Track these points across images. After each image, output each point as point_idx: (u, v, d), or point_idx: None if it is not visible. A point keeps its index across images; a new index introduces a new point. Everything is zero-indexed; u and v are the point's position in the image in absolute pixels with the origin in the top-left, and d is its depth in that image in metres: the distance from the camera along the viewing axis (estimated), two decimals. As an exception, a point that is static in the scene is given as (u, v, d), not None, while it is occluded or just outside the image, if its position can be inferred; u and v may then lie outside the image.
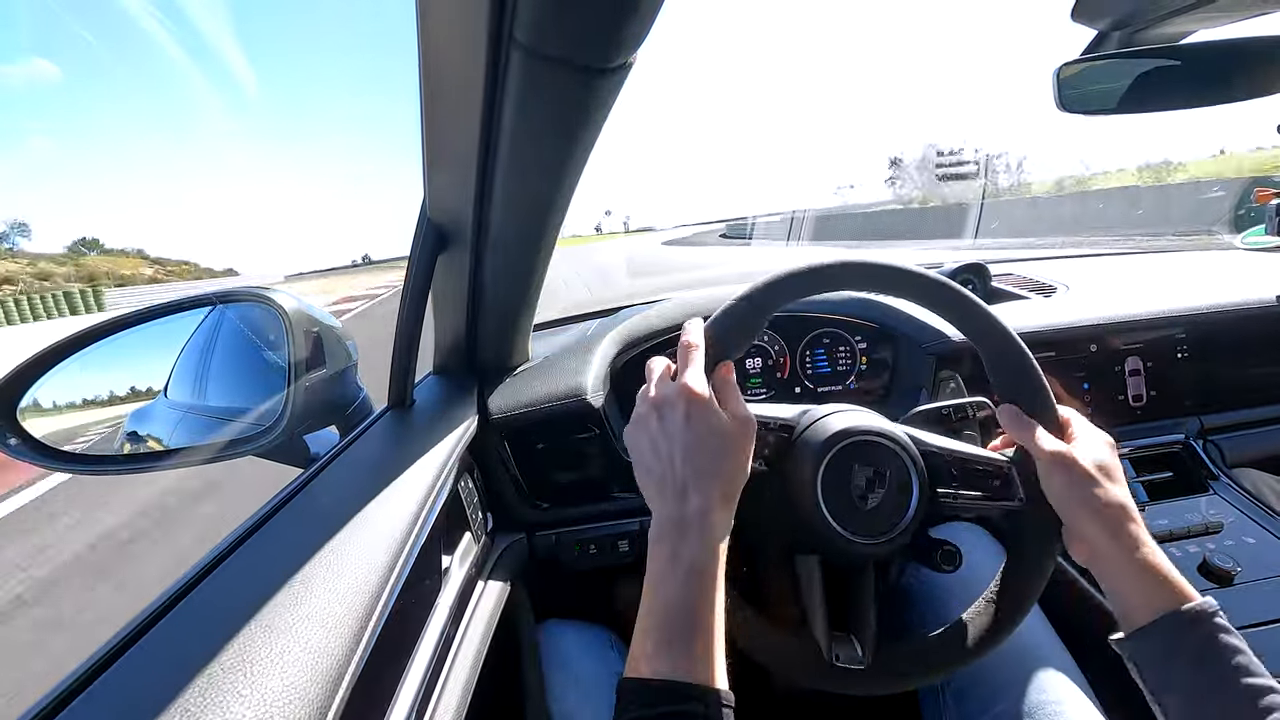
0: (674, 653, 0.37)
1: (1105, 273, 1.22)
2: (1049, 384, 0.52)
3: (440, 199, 0.60)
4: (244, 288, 0.78)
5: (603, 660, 0.70)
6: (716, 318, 0.51)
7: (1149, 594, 0.43)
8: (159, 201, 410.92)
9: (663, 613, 0.39)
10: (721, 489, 0.43)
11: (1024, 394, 0.52)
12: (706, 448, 0.43)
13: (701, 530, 0.41)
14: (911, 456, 0.51)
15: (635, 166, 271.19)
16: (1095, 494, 0.46)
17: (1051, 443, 0.49)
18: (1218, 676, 0.39)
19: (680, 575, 0.39)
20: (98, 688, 0.30)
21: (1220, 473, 0.88)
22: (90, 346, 0.66)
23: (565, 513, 0.86)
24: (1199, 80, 0.77)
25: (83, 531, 2.84)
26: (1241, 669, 0.39)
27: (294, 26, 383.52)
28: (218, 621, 0.35)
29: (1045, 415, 0.52)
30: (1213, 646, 0.40)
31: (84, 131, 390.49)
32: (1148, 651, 0.42)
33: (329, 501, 0.52)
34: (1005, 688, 0.61)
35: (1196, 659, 0.40)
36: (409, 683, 0.47)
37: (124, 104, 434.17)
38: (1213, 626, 0.41)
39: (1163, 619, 0.41)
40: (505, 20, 0.36)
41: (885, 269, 0.53)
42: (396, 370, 0.70)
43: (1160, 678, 0.41)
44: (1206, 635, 0.40)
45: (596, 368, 0.86)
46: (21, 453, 0.63)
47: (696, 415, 0.43)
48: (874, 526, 0.49)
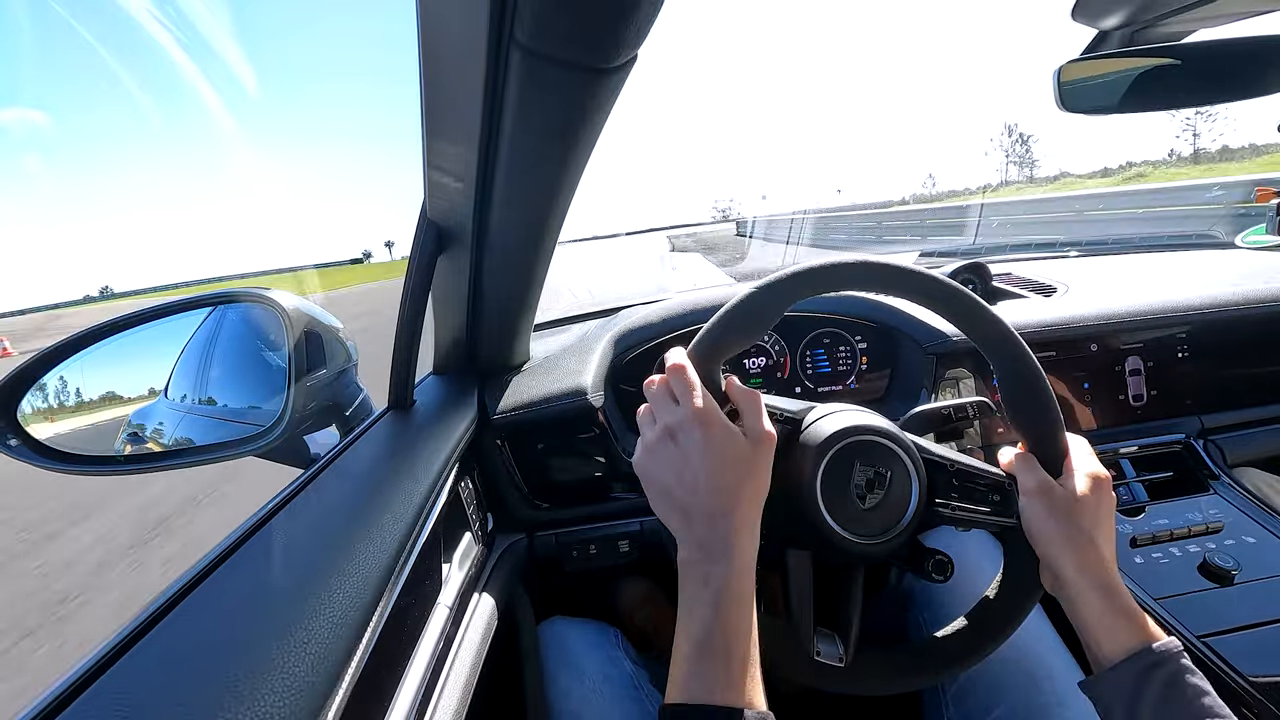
0: (711, 676, 0.38)
1: (1105, 272, 1.22)
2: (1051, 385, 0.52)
3: (440, 199, 0.60)
4: (244, 288, 0.78)
5: (607, 657, 0.70)
6: (701, 336, 0.51)
7: (1114, 633, 0.43)
8: (158, 203, 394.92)
9: (698, 636, 0.39)
10: (747, 510, 0.43)
11: (1029, 412, 0.52)
12: (731, 471, 0.43)
13: (732, 553, 0.41)
14: (913, 459, 0.50)
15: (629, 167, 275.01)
16: (1068, 527, 0.47)
17: (1036, 472, 0.50)
18: (1184, 718, 0.39)
19: (712, 598, 0.40)
20: (98, 688, 0.30)
21: (1220, 472, 0.87)
22: (91, 347, 0.66)
23: (565, 513, 0.86)
24: (1199, 79, 0.76)
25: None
26: (1207, 710, 0.39)
27: (293, 26, 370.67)
28: (218, 622, 0.35)
29: (1048, 437, 0.52)
30: (1178, 687, 0.40)
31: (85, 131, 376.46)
32: (1112, 692, 0.42)
33: (329, 502, 0.52)
34: (1006, 689, 0.61)
35: (1162, 699, 0.40)
36: (409, 683, 0.47)
37: (120, 104, 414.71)
38: (1179, 667, 0.41)
39: (1128, 660, 0.42)
40: (505, 20, 0.36)
41: (893, 270, 0.52)
42: (397, 370, 0.70)
43: (1126, 703, 0.41)
44: (1172, 675, 0.40)
45: (597, 368, 0.86)
46: (22, 453, 0.63)
47: (715, 439, 0.43)
48: (870, 526, 0.49)
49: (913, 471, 0.50)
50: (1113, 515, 0.50)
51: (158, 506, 3.19)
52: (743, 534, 0.42)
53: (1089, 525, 0.47)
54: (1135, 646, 0.42)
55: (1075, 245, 1.72)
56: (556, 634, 0.73)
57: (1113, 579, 0.46)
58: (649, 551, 0.85)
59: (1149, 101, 0.78)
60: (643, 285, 4.07)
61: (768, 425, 0.46)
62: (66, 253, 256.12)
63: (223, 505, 3.13)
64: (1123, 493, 0.86)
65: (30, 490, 3.65)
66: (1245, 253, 1.41)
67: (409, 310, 0.66)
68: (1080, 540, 0.47)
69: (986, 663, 0.51)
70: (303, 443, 0.75)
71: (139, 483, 3.45)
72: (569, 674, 0.67)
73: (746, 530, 0.43)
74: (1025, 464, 0.51)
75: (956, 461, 0.53)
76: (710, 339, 0.51)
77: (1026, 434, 0.53)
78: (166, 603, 0.37)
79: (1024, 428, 0.53)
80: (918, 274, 0.52)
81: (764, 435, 0.45)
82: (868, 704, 0.81)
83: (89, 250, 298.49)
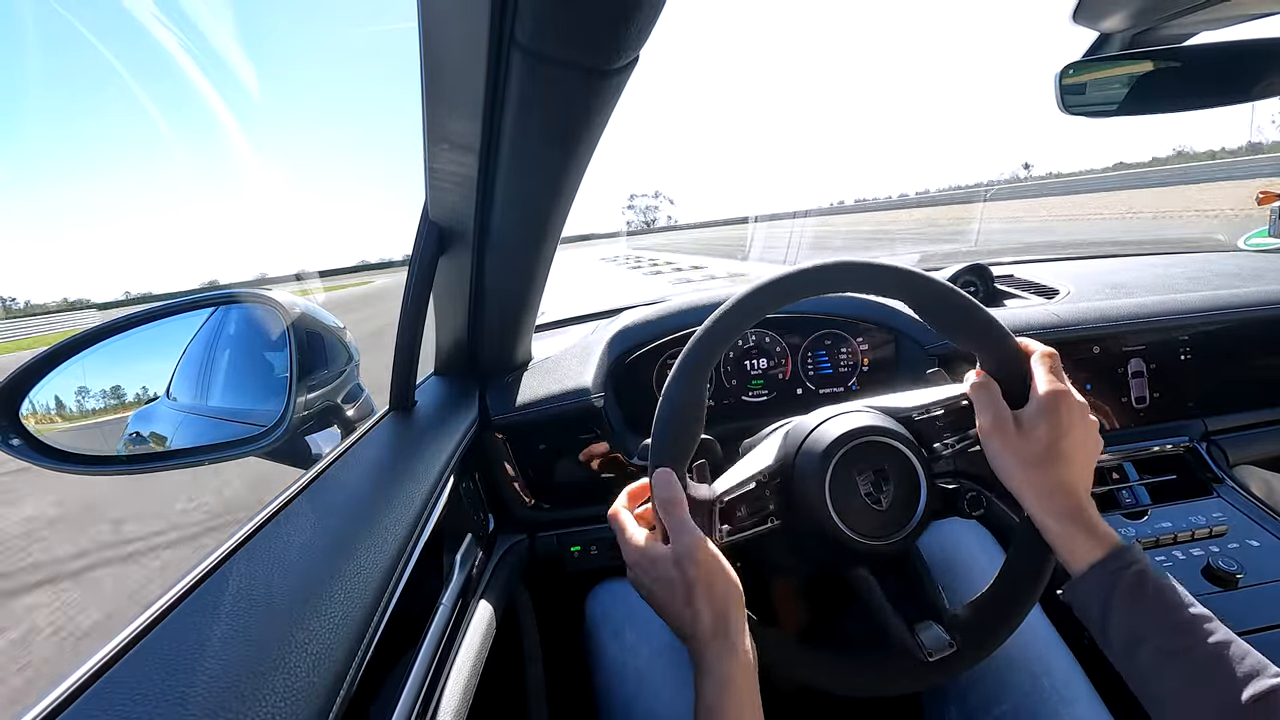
0: None
1: (1107, 274, 1.22)
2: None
3: (441, 200, 0.60)
4: (246, 289, 0.78)
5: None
6: (654, 441, 0.51)
7: (1081, 550, 0.45)
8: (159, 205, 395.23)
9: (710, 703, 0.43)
10: (740, 609, 0.47)
11: (966, 333, 0.52)
12: (724, 583, 0.47)
13: (736, 648, 0.45)
14: (904, 441, 0.51)
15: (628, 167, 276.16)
16: (1024, 461, 0.48)
17: (991, 406, 0.50)
18: (1152, 611, 0.42)
19: (716, 687, 0.44)
20: (101, 687, 0.30)
21: (1224, 475, 0.87)
22: (94, 347, 0.67)
23: (566, 514, 0.86)
24: (1201, 82, 0.77)
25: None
26: (1176, 601, 0.42)
27: (294, 26, 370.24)
28: (220, 622, 0.35)
29: (999, 360, 0.51)
30: (1144, 584, 0.42)
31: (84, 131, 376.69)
32: (1085, 595, 0.45)
33: (331, 502, 0.52)
34: (1008, 687, 0.61)
35: (1131, 597, 0.42)
36: (410, 683, 0.47)
37: (119, 103, 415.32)
38: (1143, 568, 0.43)
39: (1096, 566, 0.44)
40: (506, 21, 0.36)
41: (802, 275, 0.50)
42: (398, 371, 0.70)
43: (1100, 621, 0.44)
44: (1138, 575, 0.43)
45: (597, 368, 0.86)
46: (24, 452, 0.63)
47: (706, 563, 0.47)
48: (893, 522, 0.50)
49: (911, 454, 0.51)
50: (1084, 431, 0.48)
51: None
52: (743, 631, 0.47)
53: (1048, 455, 0.47)
54: (1101, 556, 0.44)
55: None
56: (619, 594, 0.75)
57: (1076, 504, 0.46)
58: None
59: (1150, 104, 0.78)
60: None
61: (686, 534, 0.47)
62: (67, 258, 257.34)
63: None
64: (1125, 495, 0.86)
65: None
66: (1247, 255, 1.41)
67: (410, 311, 0.66)
68: (1036, 475, 0.47)
69: (988, 661, 0.51)
70: (304, 443, 0.75)
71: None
72: (635, 630, 0.69)
73: (743, 626, 0.47)
74: (981, 397, 0.51)
75: (931, 402, 0.53)
76: (659, 447, 0.50)
77: (980, 359, 0.53)
78: (169, 603, 0.37)
79: (973, 350, 0.53)
80: (808, 270, 0.51)
81: (687, 547, 0.47)
82: (870, 703, 0.81)
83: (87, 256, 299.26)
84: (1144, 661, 0.41)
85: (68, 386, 0.68)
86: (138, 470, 0.74)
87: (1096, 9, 0.73)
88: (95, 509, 3.16)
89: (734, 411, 0.96)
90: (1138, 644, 0.42)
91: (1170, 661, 0.40)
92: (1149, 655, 0.41)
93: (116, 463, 0.78)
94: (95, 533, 2.86)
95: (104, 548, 2.70)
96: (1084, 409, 0.49)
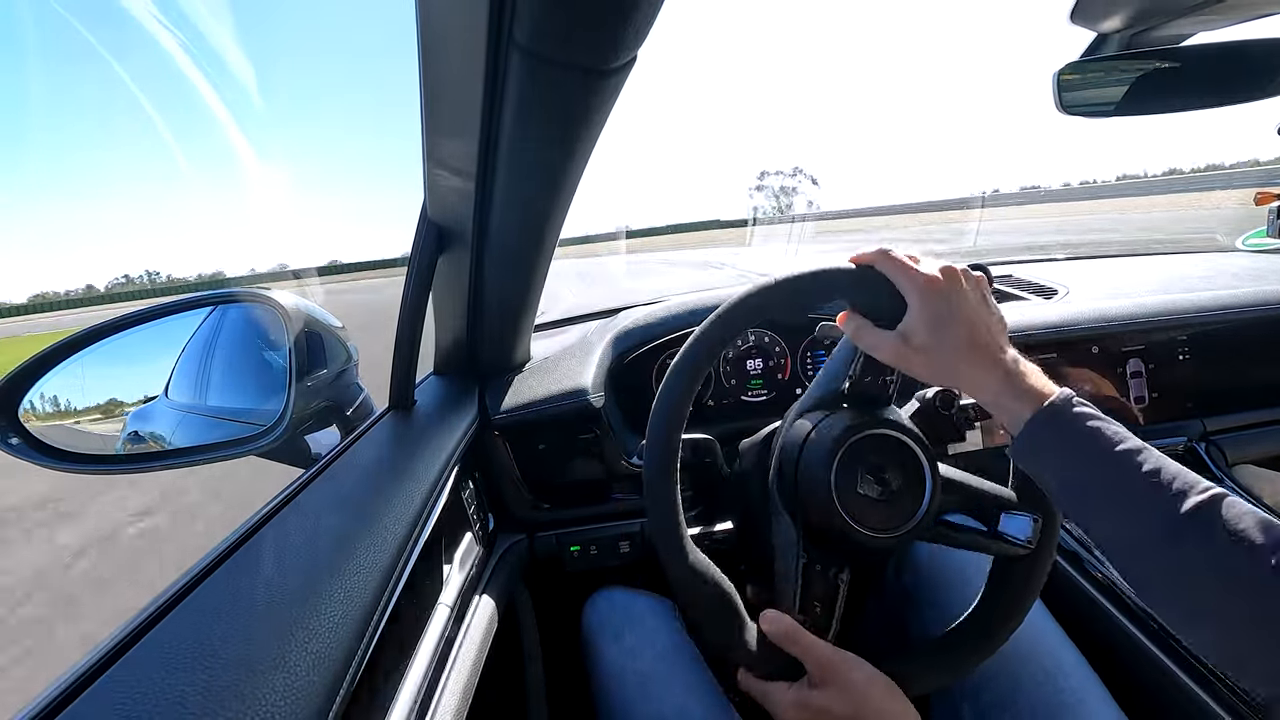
0: None
1: (1106, 274, 1.22)
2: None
3: (440, 200, 0.60)
4: (245, 288, 0.78)
5: (673, 628, 0.71)
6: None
7: (1016, 414, 0.46)
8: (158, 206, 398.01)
9: None
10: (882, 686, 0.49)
11: (829, 289, 0.52)
12: (866, 675, 0.49)
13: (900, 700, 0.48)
14: (911, 435, 0.52)
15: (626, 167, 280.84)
16: (932, 370, 0.49)
17: (871, 335, 0.51)
18: (1086, 453, 0.42)
19: None
20: (99, 687, 0.30)
21: (1223, 475, 0.87)
22: (92, 346, 0.67)
23: (566, 514, 0.86)
24: (1199, 82, 0.77)
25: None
26: (1113, 437, 0.42)
27: (293, 26, 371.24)
28: (219, 621, 0.35)
29: (863, 293, 0.51)
30: (1077, 426, 0.43)
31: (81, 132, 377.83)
32: (1025, 452, 0.46)
33: (330, 502, 0.52)
34: (1021, 686, 0.60)
35: (1071, 444, 0.43)
36: (410, 683, 0.47)
37: (118, 101, 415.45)
38: (1075, 412, 0.43)
39: (1027, 424, 0.45)
40: (505, 21, 0.36)
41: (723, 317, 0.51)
42: (397, 371, 0.70)
43: (1038, 466, 0.45)
44: (1072, 417, 0.43)
45: (597, 368, 0.86)
46: (23, 451, 0.63)
47: (843, 670, 0.49)
48: (900, 513, 0.51)
49: (918, 449, 0.51)
50: (959, 305, 0.48)
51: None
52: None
53: (941, 346, 0.48)
54: (1030, 412, 0.45)
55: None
56: (619, 600, 0.74)
57: (1000, 384, 0.46)
58: (649, 552, 0.85)
59: (1148, 104, 0.78)
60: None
61: (823, 657, 0.49)
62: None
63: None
64: None
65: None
66: (1245, 255, 1.41)
67: (409, 310, 0.66)
68: (945, 369, 0.48)
69: (1000, 659, 0.52)
70: (304, 442, 0.75)
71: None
72: (636, 634, 0.68)
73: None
74: (861, 335, 0.52)
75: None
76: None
77: (849, 306, 0.53)
78: (167, 602, 0.37)
79: (845, 300, 0.53)
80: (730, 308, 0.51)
81: (827, 667, 0.48)
82: None
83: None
84: (1091, 506, 0.42)
85: (67, 386, 0.68)
86: (136, 470, 0.74)
87: (1094, 9, 0.73)
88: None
89: (733, 411, 0.96)
90: (1081, 490, 0.43)
91: (1111, 497, 0.41)
92: (1094, 498, 0.42)
93: (115, 462, 0.78)
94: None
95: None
96: (949, 282, 0.49)
